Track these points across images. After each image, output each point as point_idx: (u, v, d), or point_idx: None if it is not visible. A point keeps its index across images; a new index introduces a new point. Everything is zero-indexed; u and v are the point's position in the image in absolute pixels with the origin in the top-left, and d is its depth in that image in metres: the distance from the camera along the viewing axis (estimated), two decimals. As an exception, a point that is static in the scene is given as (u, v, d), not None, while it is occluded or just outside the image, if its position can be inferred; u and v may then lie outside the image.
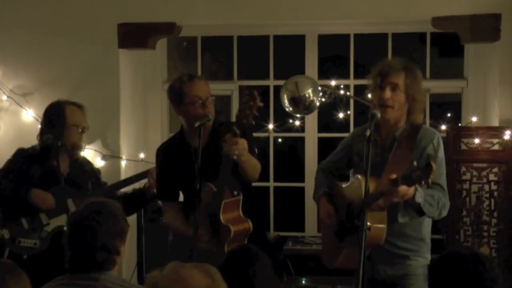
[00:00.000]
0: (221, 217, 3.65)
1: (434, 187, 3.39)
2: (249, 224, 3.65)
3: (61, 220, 4.04)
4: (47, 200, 4.04)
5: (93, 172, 4.34)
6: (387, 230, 3.44)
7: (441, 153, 3.53)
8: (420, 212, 3.43)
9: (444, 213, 3.49)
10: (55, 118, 4.13)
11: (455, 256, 2.50)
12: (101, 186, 4.30)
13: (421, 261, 3.57)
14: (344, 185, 3.72)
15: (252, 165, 3.68)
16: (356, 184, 3.52)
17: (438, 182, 3.43)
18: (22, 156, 4.17)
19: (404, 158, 3.44)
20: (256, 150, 3.83)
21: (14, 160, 4.18)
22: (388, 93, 3.47)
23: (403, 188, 3.23)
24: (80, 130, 4.15)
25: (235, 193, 3.67)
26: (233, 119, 5.45)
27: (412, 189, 3.30)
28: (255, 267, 2.73)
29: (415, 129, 3.52)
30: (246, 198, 3.73)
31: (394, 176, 3.24)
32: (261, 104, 3.52)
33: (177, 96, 3.76)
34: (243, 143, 3.53)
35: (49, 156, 4.10)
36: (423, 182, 3.13)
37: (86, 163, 4.37)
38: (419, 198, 3.34)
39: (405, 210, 3.47)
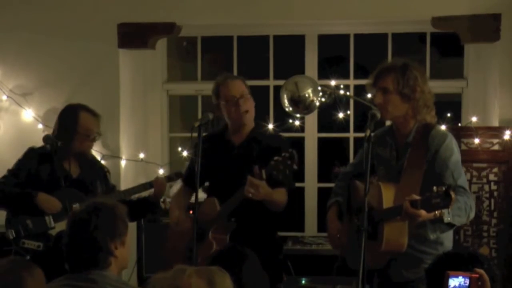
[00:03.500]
0: (210, 233, 3.77)
1: (458, 191, 3.31)
2: None
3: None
4: (53, 204, 4.05)
5: (102, 171, 4.37)
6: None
7: (456, 155, 3.48)
8: (450, 225, 3.38)
9: (472, 215, 3.43)
10: (68, 123, 4.18)
11: (453, 257, 2.50)
12: (108, 188, 4.32)
13: None
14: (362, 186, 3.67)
15: (272, 203, 3.78)
16: (376, 191, 3.45)
17: (459, 184, 3.40)
18: (32, 156, 4.19)
19: (419, 163, 3.43)
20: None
21: (24, 159, 4.20)
22: (378, 98, 3.52)
23: (423, 213, 3.21)
24: (91, 138, 4.19)
25: (233, 219, 3.77)
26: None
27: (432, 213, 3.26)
28: (242, 265, 2.72)
29: (427, 131, 3.49)
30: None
31: (414, 197, 3.22)
32: (295, 168, 3.59)
33: (214, 95, 3.99)
34: (262, 188, 3.63)
35: (60, 157, 4.13)
36: (442, 210, 3.12)
37: (95, 163, 4.42)
38: (448, 218, 3.25)
39: (433, 226, 3.42)
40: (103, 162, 5.16)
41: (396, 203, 3.39)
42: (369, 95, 3.81)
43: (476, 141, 4.72)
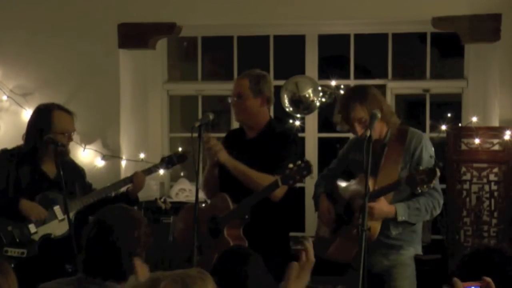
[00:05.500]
0: (225, 231, 3.81)
1: (423, 194, 3.60)
2: (245, 243, 3.76)
3: (49, 228, 3.99)
4: (37, 211, 3.95)
5: (79, 173, 4.28)
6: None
7: (430, 156, 3.72)
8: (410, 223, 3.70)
9: (435, 213, 3.75)
10: (42, 124, 4.05)
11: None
12: (85, 188, 4.23)
13: (412, 251, 3.81)
14: (343, 185, 3.90)
15: (242, 174, 3.85)
16: (356, 183, 3.74)
17: None
18: (8, 157, 4.09)
19: (395, 161, 3.70)
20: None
21: (1, 162, 4.09)
22: (359, 129, 3.70)
23: (378, 205, 3.55)
24: (66, 137, 4.07)
25: (246, 217, 3.81)
26: (233, 119, 5.48)
27: (391, 208, 3.58)
28: (247, 267, 2.73)
29: (403, 133, 3.75)
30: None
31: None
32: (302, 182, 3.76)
33: None
34: (213, 145, 3.87)
35: (37, 158, 4.06)
36: (425, 186, 3.36)
37: (73, 164, 4.29)
38: (401, 217, 3.62)
39: (395, 223, 3.68)
40: (103, 162, 5.17)
41: None
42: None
43: (477, 141, 4.72)
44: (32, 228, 3.98)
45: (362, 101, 3.68)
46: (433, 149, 3.79)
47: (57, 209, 3.99)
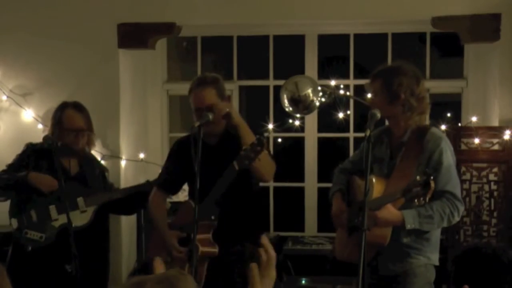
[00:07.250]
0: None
1: (440, 198, 3.41)
2: (216, 249, 3.66)
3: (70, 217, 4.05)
4: (47, 181, 4.00)
5: (102, 171, 4.37)
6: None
7: (448, 159, 3.51)
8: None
9: (454, 220, 3.48)
10: (54, 121, 4.18)
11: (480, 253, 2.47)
12: (107, 186, 4.31)
13: (423, 260, 3.55)
14: (360, 182, 3.74)
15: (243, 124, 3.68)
16: (369, 186, 3.51)
17: (446, 189, 3.45)
18: (30, 151, 4.19)
19: (411, 163, 3.50)
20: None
21: (23, 155, 4.20)
22: (369, 99, 3.71)
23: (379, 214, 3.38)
24: (77, 135, 4.12)
25: (213, 217, 3.68)
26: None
27: (398, 215, 3.39)
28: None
29: (422, 134, 3.54)
30: (245, 199, 3.75)
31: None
32: (266, 151, 3.53)
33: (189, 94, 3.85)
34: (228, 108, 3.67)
35: (52, 155, 4.11)
36: (421, 199, 3.21)
37: (96, 162, 4.42)
38: (410, 225, 3.41)
39: (406, 230, 3.47)
40: (103, 162, 5.17)
41: None
42: (369, 95, 3.87)
43: (476, 141, 4.73)
44: (53, 213, 4.07)
45: (384, 79, 3.55)
46: (452, 148, 3.59)
47: (80, 200, 4.08)
